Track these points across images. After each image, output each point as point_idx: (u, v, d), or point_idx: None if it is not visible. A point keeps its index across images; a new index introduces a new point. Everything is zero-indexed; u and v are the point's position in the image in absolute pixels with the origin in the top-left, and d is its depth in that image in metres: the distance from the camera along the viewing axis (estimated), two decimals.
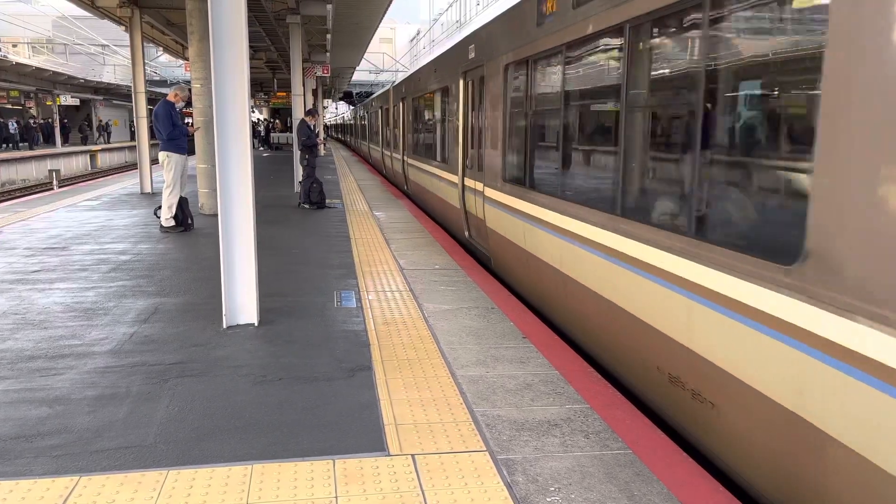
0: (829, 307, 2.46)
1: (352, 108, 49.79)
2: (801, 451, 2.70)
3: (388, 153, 18.74)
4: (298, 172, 14.17)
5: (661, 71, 3.88)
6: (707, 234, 3.34)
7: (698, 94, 3.35)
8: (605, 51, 4.55)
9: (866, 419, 2.34)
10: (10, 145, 35.13)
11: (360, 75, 49.93)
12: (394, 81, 18.61)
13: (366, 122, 28.99)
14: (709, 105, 3.31)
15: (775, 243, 2.88)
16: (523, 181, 6.27)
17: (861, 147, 2.36)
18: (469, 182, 8.60)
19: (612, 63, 4.43)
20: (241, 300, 5.24)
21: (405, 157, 14.95)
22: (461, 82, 8.89)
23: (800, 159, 2.73)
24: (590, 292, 4.69)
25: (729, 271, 3.05)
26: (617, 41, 4.31)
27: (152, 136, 11.67)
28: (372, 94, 37.39)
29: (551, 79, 5.56)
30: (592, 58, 4.77)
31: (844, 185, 2.41)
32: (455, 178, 9.28)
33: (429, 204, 12.00)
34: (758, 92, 3.03)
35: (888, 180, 2.25)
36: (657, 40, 3.91)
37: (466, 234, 8.86)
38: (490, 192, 7.46)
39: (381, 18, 21.20)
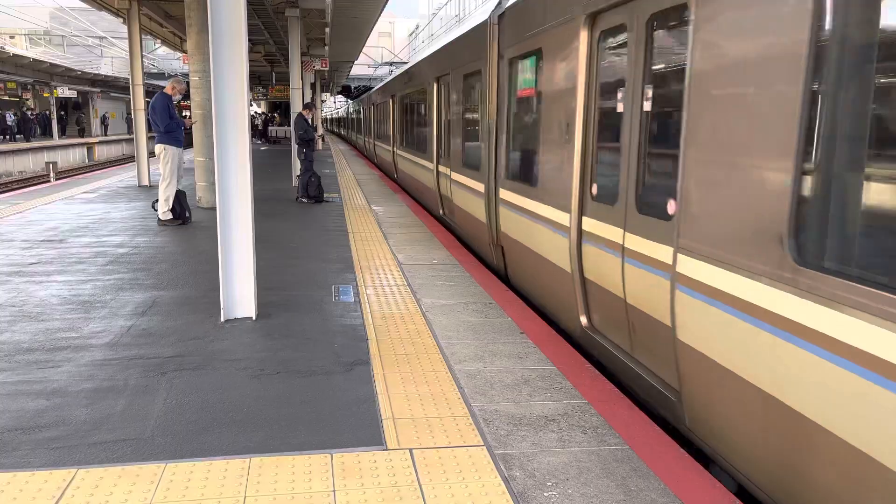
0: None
1: (347, 103, 49.74)
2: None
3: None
4: (296, 166, 14.15)
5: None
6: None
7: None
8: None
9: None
10: (7, 137, 35.01)
11: (359, 69, 49.81)
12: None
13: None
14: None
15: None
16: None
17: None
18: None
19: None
20: (239, 294, 5.23)
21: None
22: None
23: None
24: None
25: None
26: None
27: (150, 128, 11.64)
28: (370, 88, 37.37)
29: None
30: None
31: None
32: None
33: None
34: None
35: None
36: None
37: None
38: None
39: (380, 12, 21.13)
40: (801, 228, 2.63)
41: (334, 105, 74.56)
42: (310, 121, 12.97)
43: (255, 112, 50.41)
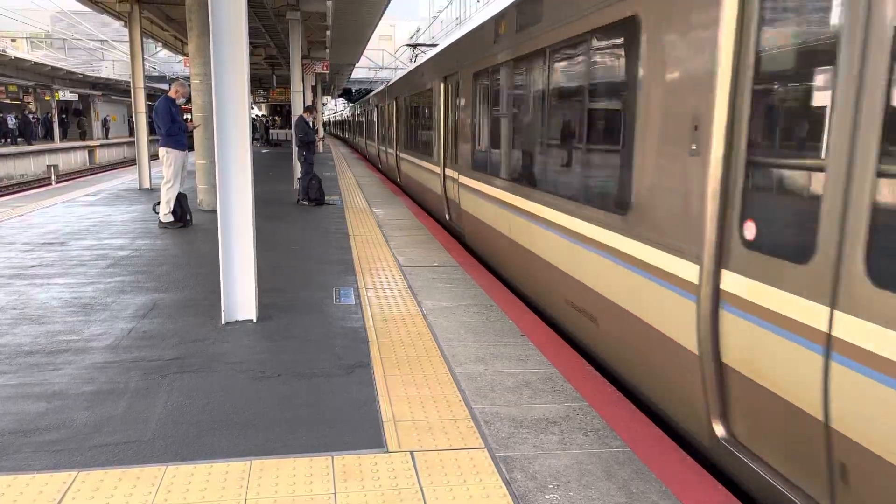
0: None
1: (349, 105, 49.70)
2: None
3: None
4: (297, 169, 14.16)
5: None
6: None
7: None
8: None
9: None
10: (8, 140, 35.05)
11: (360, 72, 49.86)
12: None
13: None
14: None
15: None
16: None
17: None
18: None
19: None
20: (240, 296, 5.23)
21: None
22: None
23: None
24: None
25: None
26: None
27: (151, 131, 11.68)
28: (371, 91, 37.28)
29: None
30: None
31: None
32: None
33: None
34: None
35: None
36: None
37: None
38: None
39: (381, 15, 21.16)
40: None
41: (335, 108, 74.63)
42: (310, 123, 12.98)
43: (256, 115, 50.47)
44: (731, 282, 3.01)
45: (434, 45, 18.43)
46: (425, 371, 4.29)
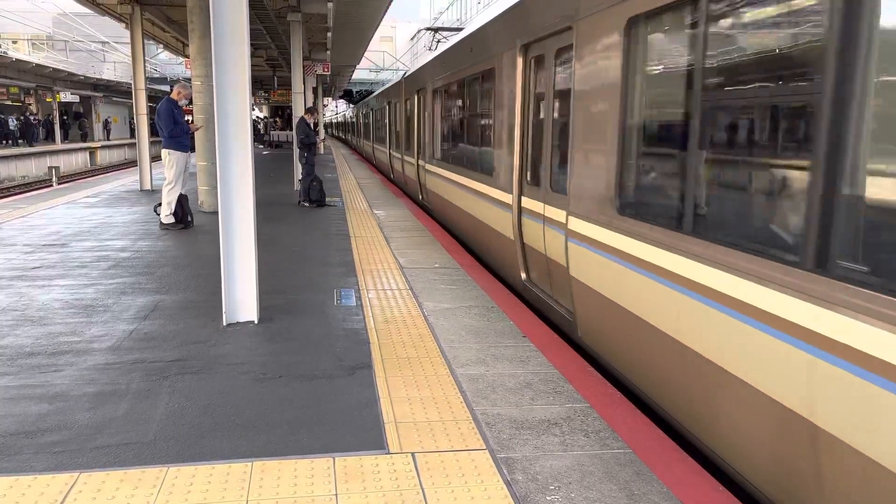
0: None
1: (351, 106, 49.65)
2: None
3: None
4: (298, 170, 14.17)
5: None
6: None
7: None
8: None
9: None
10: (10, 142, 35.10)
11: (361, 73, 49.91)
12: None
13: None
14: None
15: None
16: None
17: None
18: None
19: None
20: (241, 297, 5.23)
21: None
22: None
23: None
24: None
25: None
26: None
27: (152, 133, 11.70)
28: (371, 92, 37.06)
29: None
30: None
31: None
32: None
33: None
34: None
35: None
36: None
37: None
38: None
39: (382, 17, 21.18)
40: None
41: (335, 109, 74.64)
42: (311, 125, 12.99)
43: (258, 116, 50.51)
44: (526, 201, 6.14)
45: (459, 29, 14.96)
46: (426, 372, 4.29)
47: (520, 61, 6.19)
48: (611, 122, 4.29)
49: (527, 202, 6.08)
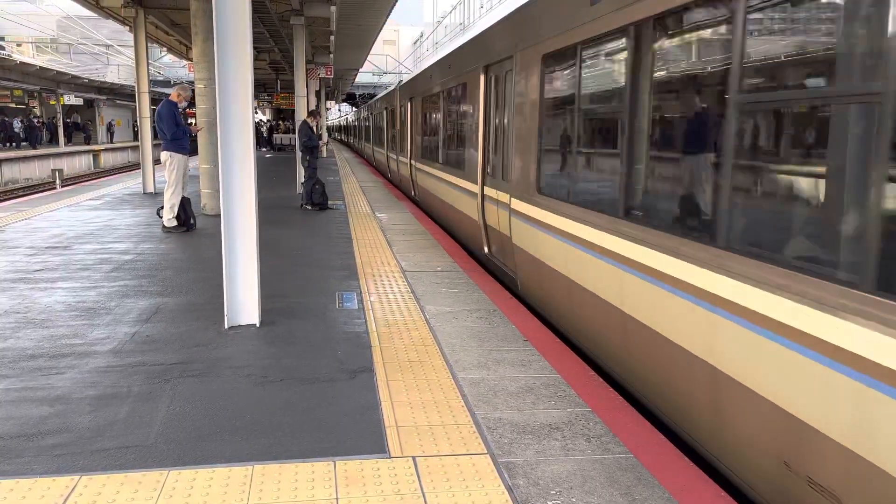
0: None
1: (354, 110, 49.77)
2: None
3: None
4: (300, 174, 14.18)
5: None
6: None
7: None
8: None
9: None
10: (14, 144, 35.19)
11: (364, 77, 49.97)
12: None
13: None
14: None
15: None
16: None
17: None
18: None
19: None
20: (243, 301, 5.23)
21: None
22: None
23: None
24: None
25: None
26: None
27: (155, 136, 11.69)
28: (374, 95, 37.28)
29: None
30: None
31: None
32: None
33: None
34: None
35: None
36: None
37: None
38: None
39: (385, 20, 21.23)
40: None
41: (339, 112, 74.76)
42: (314, 128, 13.00)
43: (261, 120, 50.59)
44: (487, 190, 7.67)
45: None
46: (428, 376, 4.28)
47: (482, 79, 7.83)
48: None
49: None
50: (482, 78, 7.85)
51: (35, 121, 38.09)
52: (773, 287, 2.79)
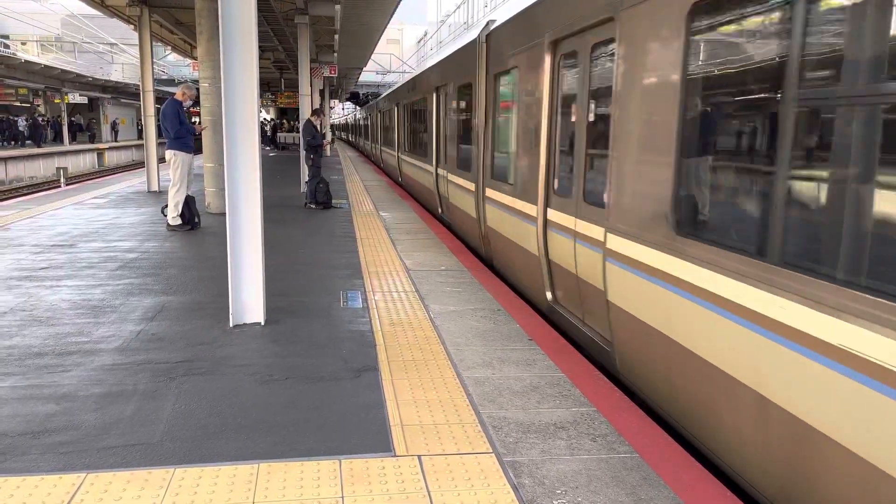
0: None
1: (356, 109, 49.87)
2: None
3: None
4: (305, 172, 14.20)
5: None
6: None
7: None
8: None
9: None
10: (19, 142, 35.29)
11: (367, 76, 49.99)
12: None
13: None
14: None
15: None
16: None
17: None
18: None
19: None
20: (248, 299, 5.24)
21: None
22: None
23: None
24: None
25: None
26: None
27: (160, 134, 11.71)
28: (378, 94, 37.51)
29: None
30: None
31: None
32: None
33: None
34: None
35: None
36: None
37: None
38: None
39: (389, 19, 21.24)
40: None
41: (342, 111, 74.82)
42: (318, 127, 13.01)
43: (265, 118, 50.66)
44: (552, 214, 5.62)
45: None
46: (433, 375, 4.28)
47: (548, 59, 6.43)
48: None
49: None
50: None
51: (39, 119, 38.17)
52: None
